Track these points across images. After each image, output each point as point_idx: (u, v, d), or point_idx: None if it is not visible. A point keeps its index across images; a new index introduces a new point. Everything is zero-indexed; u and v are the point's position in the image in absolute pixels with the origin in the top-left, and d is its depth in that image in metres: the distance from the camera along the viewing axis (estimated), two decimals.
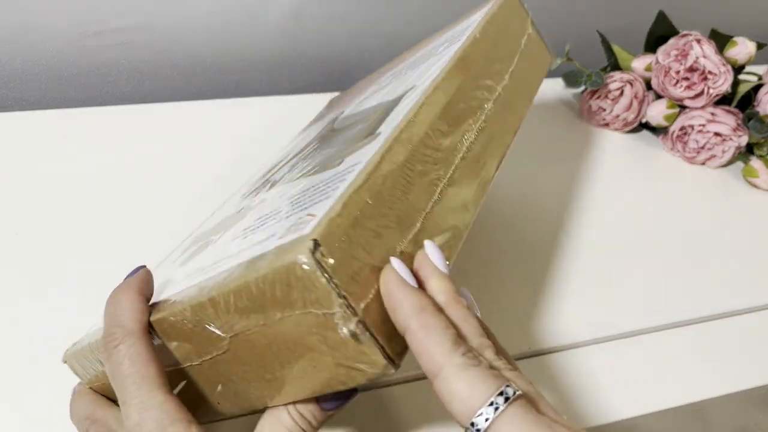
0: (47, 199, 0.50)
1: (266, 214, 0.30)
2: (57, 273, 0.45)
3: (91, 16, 0.62)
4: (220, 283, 0.25)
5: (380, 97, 0.40)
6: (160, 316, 0.27)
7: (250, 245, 0.27)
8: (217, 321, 0.26)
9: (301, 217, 0.25)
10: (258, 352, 0.25)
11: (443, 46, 0.40)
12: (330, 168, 0.30)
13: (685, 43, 0.60)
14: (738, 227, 0.56)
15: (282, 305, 0.23)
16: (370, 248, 0.24)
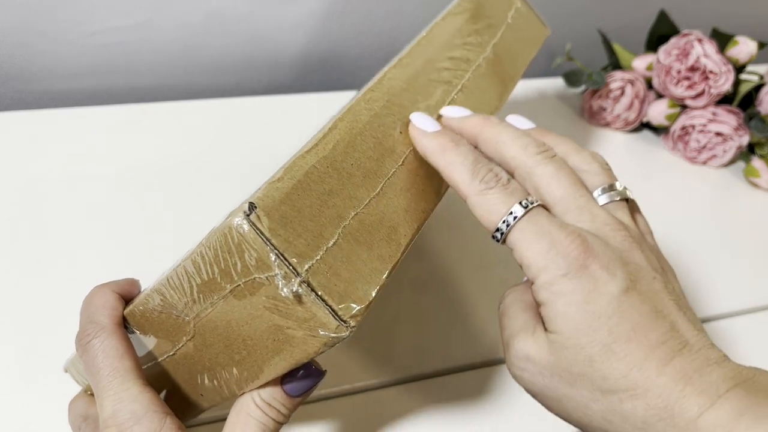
0: (47, 199, 0.50)
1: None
2: (57, 273, 0.44)
3: (91, 15, 0.62)
4: (175, 264, 0.25)
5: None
6: (132, 307, 0.28)
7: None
8: (179, 304, 0.26)
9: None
10: (221, 332, 0.25)
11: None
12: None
13: (687, 42, 0.60)
14: (739, 227, 0.56)
15: (228, 275, 0.23)
16: (317, 210, 0.24)
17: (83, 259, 0.46)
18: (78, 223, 0.48)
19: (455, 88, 0.33)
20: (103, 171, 0.53)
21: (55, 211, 0.49)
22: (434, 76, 0.33)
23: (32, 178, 0.52)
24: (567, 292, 0.23)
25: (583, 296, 0.23)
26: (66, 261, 0.45)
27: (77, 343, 0.27)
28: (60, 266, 0.45)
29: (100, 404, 0.25)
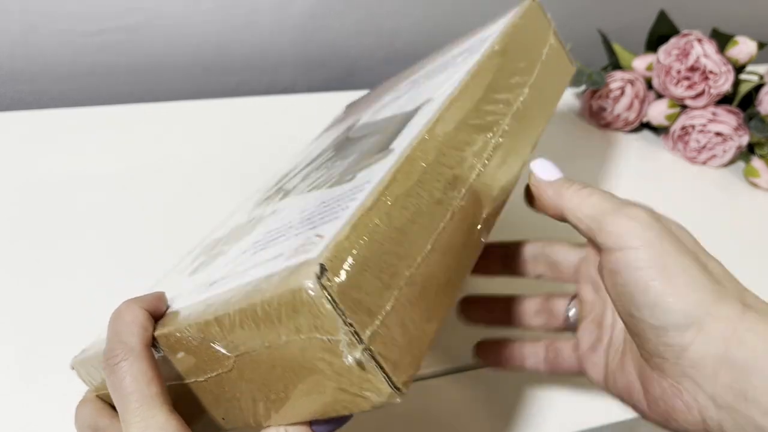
0: (47, 199, 0.50)
1: (275, 228, 0.30)
2: (56, 274, 0.44)
3: (91, 15, 0.62)
4: (227, 302, 0.25)
5: (396, 108, 0.40)
6: (166, 331, 0.27)
7: (258, 263, 0.26)
8: (223, 340, 0.25)
9: (310, 237, 0.25)
10: (263, 372, 0.25)
11: (462, 57, 0.40)
12: (342, 183, 0.30)
13: (686, 42, 0.60)
14: (739, 227, 0.56)
15: (288, 329, 0.23)
16: (378, 272, 0.24)
17: (83, 260, 0.46)
18: (78, 224, 0.48)
19: (497, 133, 0.33)
20: (104, 171, 0.53)
21: (56, 212, 0.49)
22: (478, 121, 0.32)
23: (32, 179, 0.52)
24: None
25: None
26: (66, 261, 0.45)
27: (105, 362, 0.26)
28: (60, 266, 0.45)
29: (126, 429, 0.25)
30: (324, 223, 0.25)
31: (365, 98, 0.54)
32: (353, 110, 0.52)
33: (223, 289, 0.26)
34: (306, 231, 0.26)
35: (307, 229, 0.26)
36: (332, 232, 0.23)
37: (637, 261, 0.26)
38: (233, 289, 0.25)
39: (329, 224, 0.25)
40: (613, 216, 0.27)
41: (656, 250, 0.25)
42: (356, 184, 0.28)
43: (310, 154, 0.46)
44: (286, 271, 0.23)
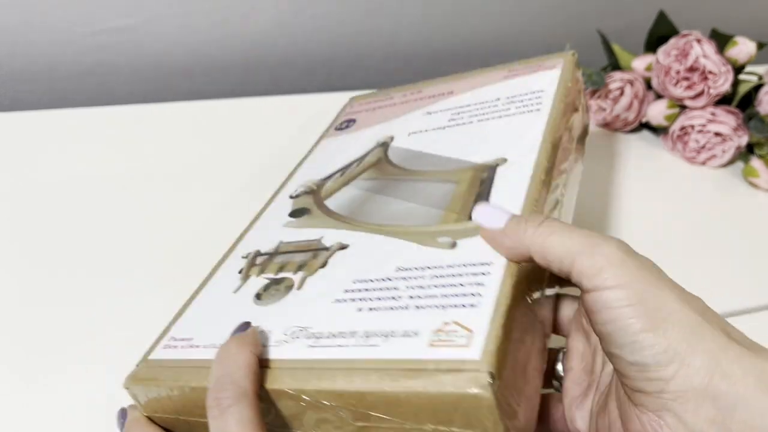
0: (47, 199, 0.50)
1: (369, 278, 0.31)
2: (56, 274, 0.45)
3: (91, 16, 0.62)
4: (367, 378, 0.25)
5: (450, 146, 0.41)
6: (284, 387, 0.27)
7: (378, 330, 0.28)
8: (354, 411, 0.26)
9: (448, 323, 0.26)
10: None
11: (515, 106, 0.42)
12: (441, 247, 0.32)
13: (686, 42, 0.60)
14: (738, 227, 0.56)
15: (440, 420, 0.24)
16: (516, 369, 0.25)
17: (84, 260, 0.46)
18: (78, 224, 0.48)
19: (561, 204, 0.35)
20: (104, 172, 0.53)
21: (55, 212, 0.49)
22: (551, 192, 0.35)
23: (32, 179, 0.52)
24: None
25: None
26: (66, 262, 0.45)
27: (212, 402, 0.25)
28: (60, 267, 0.45)
29: None
30: (454, 306, 0.27)
31: (378, 99, 0.52)
32: (368, 116, 0.50)
33: (345, 355, 0.27)
34: (433, 308, 0.27)
35: (432, 307, 0.28)
36: (481, 326, 0.25)
37: (613, 301, 0.25)
38: (365, 361, 0.26)
39: (465, 311, 0.26)
40: (584, 256, 0.26)
41: (632, 288, 0.25)
42: (469, 259, 0.30)
43: (332, 159, 0.45)
44: (438, 364, 0.24)
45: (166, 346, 0.32)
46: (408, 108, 0.48)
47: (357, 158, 0.44)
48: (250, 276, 0.35)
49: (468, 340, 0.25)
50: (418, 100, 0.49)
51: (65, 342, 0.41)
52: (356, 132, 0.48)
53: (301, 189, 0.42)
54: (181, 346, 0.32)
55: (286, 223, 0.39)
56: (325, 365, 0.27)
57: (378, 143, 0.45)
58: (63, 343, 0.40)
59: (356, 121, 0.49)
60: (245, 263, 0.37)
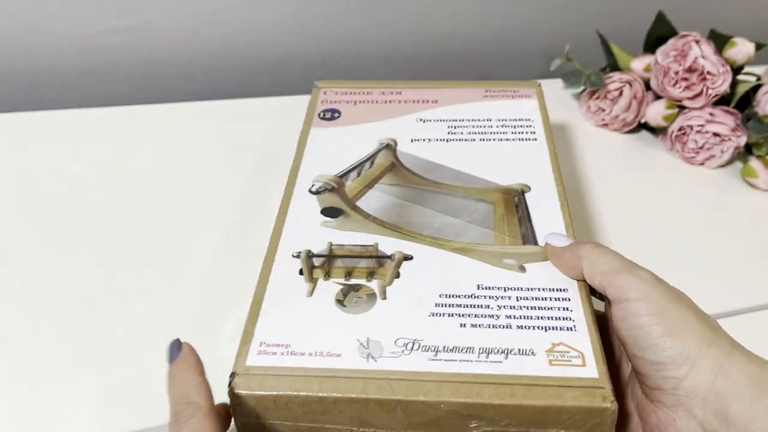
0: (47, 199, 0.50)
1: (454, 294, 0.35)
2: (56, 274, 0.45)
3: (91, 16, 0.62)
4: (497, 393, 0.30)
5: (462, 161, 0.46)
6: (419, 399, 0.30)
7: (492, 347, 0.32)
8: (480, 418, 0.30)
9: (556, 343, 0.32)
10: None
11: (510, 131, 0.48)
12: (496, 263, 0.37)
13: (685, 43, 0.60)
14: (737, 227, 0.56)
15: (562, 425, 0.30)
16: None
17: (84, 260, 0.46)
18: (79, 225, 0.48)
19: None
20: (104, 172, 0.53)
21: (56, 213, 0.49)
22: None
23: (33, 180, 0.52)
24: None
25: None
26: (66, 262, 0.46)
27: (173, 424, 0.28)
28: (60, 266, 0.45)
29: None
30: (554, 329, 0.33)
31: (354, 91, 0.54)
32: (353, 110, 0.51)
33: (472, 369, 0.31)
34: (536, 330, 0.33)
35: (535, 327, 0.33)
36: (586, 347, 0.32)
37: (641, 309, 0.31)
38: (493, 376, 0.30)
39: (567, 333, 0.33)
40: (622, 274, 0.32)
41: (657, 302, 0.31)
42: (545, 284, 0.35)
43: (335, 154, 0.46)
44: (563, 381, 0.30)
45: (260, 352, 0.32)
46: (395, 110, 0.51)
47: (365, 158, 0.46)
48: (316, 278, 0.36)
49: (582, 360, 0.31)
50: (402, 103, 0.52)
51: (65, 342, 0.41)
52: (346, 126, 0.49)
53: (320, 185, 0.43)
54: (281, 352, 0.32)
55: (322, 222, 0.40)
56: (455, 378, 0.30)
57: (381, 144, 0.47)
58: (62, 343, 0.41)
59: (341, 113, 0.51)
60: (302, 264, 0.37)
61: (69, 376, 0.39)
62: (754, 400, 0.28)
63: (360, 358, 0.31)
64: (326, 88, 0.54)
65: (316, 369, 0.31)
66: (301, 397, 0.30)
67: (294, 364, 0.31)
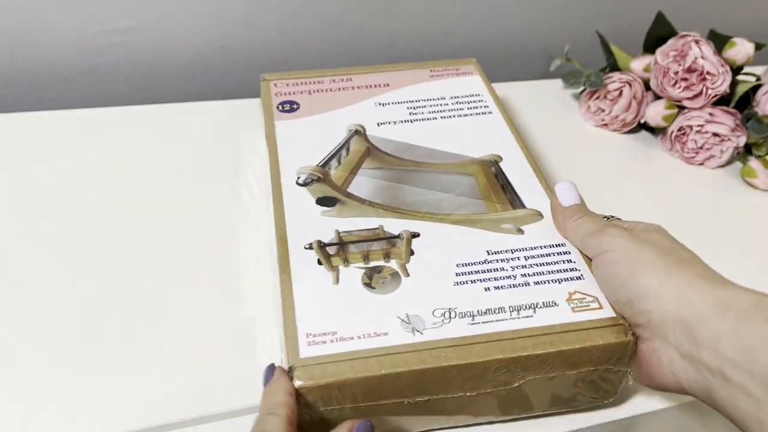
0: (47, 200, 0.50)
1: (469, 262, 0.38)
2: (56, 274, 0.45)
3: (92, 16, 0.63)
4: (537, 343, 0.33)
5: (431, 139, 0.48)
6: (473, 360, 0.33)
7: (520, 304, 0.35)
8: (524, 369, 0.33)
9: (571, 292, 0.36)
10: (535, 388, 0.35)
11: (466, 107, 0.51)
12: (496, 229, 0.40)
13: (684, 43, 0.61)
14: (736, 227, 0.56)
15: (593, 363, 0.34)
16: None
17: (84, 260, 0.46)
18: (79, 225, 0.48)
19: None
20: (105, 172, 0.53)
21: (56, 213, 0.49)
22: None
23: (34, 180, 0.52)
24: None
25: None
26: (67, 262, 0.46)
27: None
28: (60, 267, 0.45)
29: None
30: (566, 280, 0.37)
31: (305, 82, 0.55)
32: (311, 101, 0.53)
33: (511, 326, 0.34)
34: (551, 283, 0.37)
35: (549, 281, 0.37)
36: (597, 291, 0.36)
37: (609, 259, 0.35)
38: (530, 329, 0.34)
39: (577, 282, 0.37)
40: (594, 234, 0.37)
41: (623, 250, 0.35)
42: (544, 242, 0.39)
43: (307, 146, 0.47)
44: (589, 324, 0.34)
45: (310, 343, 0.33)
46: (351, 97, 0.53)
47: (340, 145, 0.47)
48: (336, 266, 0.37)
49: (598, 303, 0.35)
50: (355, 89, 0.53)
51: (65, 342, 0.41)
52: (309, 117, 0.50)
53: (306, 177, 0.44)
54: (330, 340, 0.33)
55: (322, 212, 0.41)
56: (498, 337, 0.33)
57: (351, 130, 0.49)
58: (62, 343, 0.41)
59: (299, 104, 0.52)
60: (318, 254, 0.38)
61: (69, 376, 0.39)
62: (719, 322, 0.30)
63: (406, 333, 0.33)
64: (275, 80, 0.55)
65: (370, 350, 0.32)
66: (364, 378, 0.31)
67: (347, 348, 0.33)
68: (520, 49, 0.79)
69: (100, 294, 0.44)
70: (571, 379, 0.35)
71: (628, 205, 0.57)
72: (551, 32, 0.79)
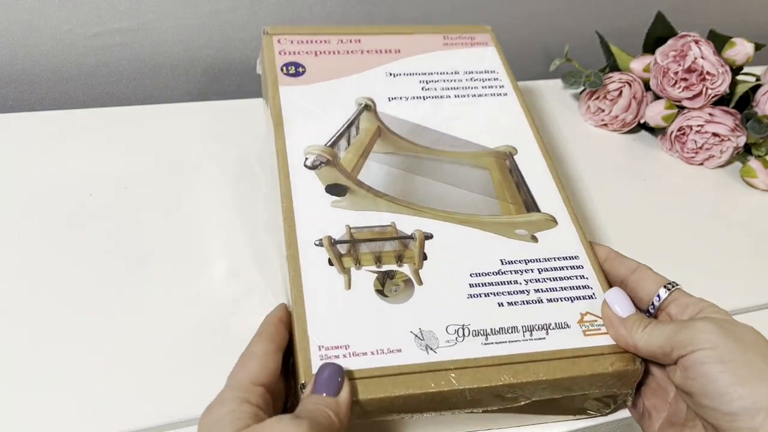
0: (48, 200, 0.50)
1: (482, 272, 0.37)
2: (56, 274, 0.45)
3: (92, 16, 0.63)
4: (549, 368, 0.33)
5: (444, 122, 0.46)
6: (486, 384, 0.32)
7: (532, 324, 0.35)
8: (531, 391, 0.33)
9: (583, 313, 0.36)
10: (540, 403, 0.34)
11: (481, 85, 0.49)
12: (510, 235, 0.39)
13: (684, 43, 0.61)
14: (736, 227, 0.56)
15: (597, 386, 0.34)
16: None
17: (85, 261, 0.46)
18: (80, 225, 0.48)
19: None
20: (105, 173, 0.53)
21: (57, 213, 0.49)
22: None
23: (35, 180, 0.52)
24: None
25: None
26: (67, 262, 0.46)
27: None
28: (60, 267, 0.45)
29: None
30: (578, 298, 0.36)
31: (309, 39, 0.51)
32: (317, 64, 0.49)
33: (523, 349, 0.34)
34: (563, 301, 0.36)
35: (562, 299, 0.36)
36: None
37: (707, 357, 0.30)
38: (541, 353, 0.34)
39: (589, 302, 0.36)
40: (679, 332, 0.32)
41: (723, 349, 0.30)
42: (558, 252, 0.38)
43: (313, 118, 0.44)
44: (599, 350, 0.34)
45: (322, 357, 0.32)
46: (360, 63, 0.49)
47: (349, 121, 0.45)
48: (347, 268, 0.36)
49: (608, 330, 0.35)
50: (365, 54, 0.50)
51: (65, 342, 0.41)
52: (315, 84, 0.47)
53: (314, 158, 0.41)
54: (342, 355, 0.32)
55: (332, 202, 0.39)
56: (510, 360, 0.33)
57: (360, 105, 0.46)
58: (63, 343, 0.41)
59: (305, 68, 0.48)
60: (329, 253, 0.36)
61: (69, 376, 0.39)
62: None
63: (419, 351, 0.33)
64: (279, 35, 0.50)
65: (383, 368, 0.32)
66: (375, 399, 0.31)
67: (359, 366, 0.32)
68: (520, 50, 0.79)
69: (100, 294, 0.44)
70: (576, 397, 0.35)
71: (628, 206, 0.57)
72: (551, 32, 0.79)
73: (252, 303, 0.43)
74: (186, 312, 0.43)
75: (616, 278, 0.39)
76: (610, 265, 0.39)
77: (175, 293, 0.44)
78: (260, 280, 0.45)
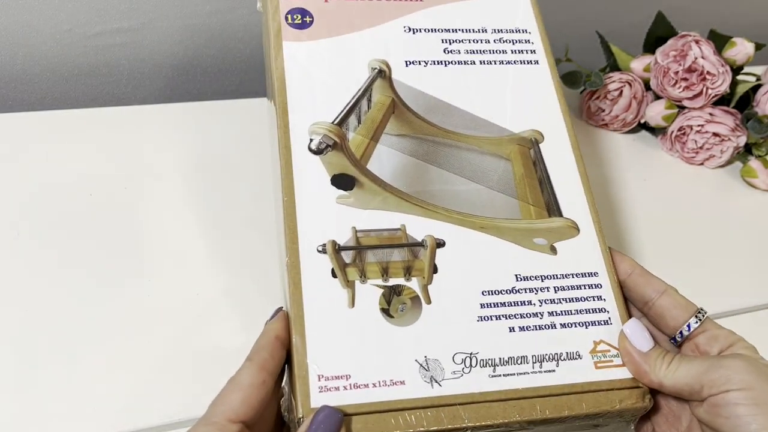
0: (47, 200, 0.50)
1: (494, 290, 0.34)
2: (57, 274, 0.45)
3: (92, 16, 0.62)
4: (560, 405, 0.32)
5: (465, 97, 0.40)
6: (492, 421, 0.31)
7: (543, 354, 0.33)
8: (537, 424, 0.32)
9: (597, 341, 0.34)
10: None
11: (510, 48, 0.43)
12: (527, 244, 0.36)
13: (684, 43, 0.61)
14: (736, 227, 0.56)
15: (603, 416, 0.33)
16: None
17: (85, 260, 0.46)
18: (80, 225, 0.48)
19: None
20: (105, 173, 0.53)
21: (57, 213, 0.49)
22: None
23: (34, 180, 0.52)
24: None
25: None
26: (67, 262, 0.46)
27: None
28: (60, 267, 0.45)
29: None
30: (593, 324, 0.34)
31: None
32: (325, 13, 0.42)
33: (530, 383, 0.32)
34: (577, 327, 0.34)
35: (576, 324, 0.34)
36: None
37: (739, 399, 0.29)
38: (550, 387, 0.32)
39: (604, 328, 0.34)
40: (709, 369, 0.31)
41: (757, 391, 0.29)
42: (577, 268, 0.36)
43: (321, 83, 0.39)
44: (609, 384, 0.33)
45: (322, 389, 0.30)
46: (375, 13, 0.42)
47: (360, 92, 0.39)
48: (351, 281, 0.33)
49: (620, 359, 0.34)
50: (382, 0, 0.43)
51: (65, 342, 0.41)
52: (324, 40, 0.40)
53: (320, 140, 0.36)
54: (343, 386, 0.30)
55: (338, 198, 0.35)
56: (517, 395, 0.32)
57: (373, 69, 0.40)
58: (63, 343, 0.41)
59: (313, 17, 0.41)
60: (332, 262, 0.33)
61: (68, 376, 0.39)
62: None
63: (424, 383, 0.31)
64: None
65: (385, 402, 0.30)
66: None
67: (360, 399, 0.30)
68: None
69: (100, 293, 0.44)
70: (582, 425, 0.34)
71: (628, 206, 0.57)
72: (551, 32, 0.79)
73: (252, 302, 0.43)
74: (186, 312, 0.43)
75: (639, 298, 0.36)
76: (634, 282, 0.36)
77: (175, 293, 0.44)
78: (260, 279, 0.45)
